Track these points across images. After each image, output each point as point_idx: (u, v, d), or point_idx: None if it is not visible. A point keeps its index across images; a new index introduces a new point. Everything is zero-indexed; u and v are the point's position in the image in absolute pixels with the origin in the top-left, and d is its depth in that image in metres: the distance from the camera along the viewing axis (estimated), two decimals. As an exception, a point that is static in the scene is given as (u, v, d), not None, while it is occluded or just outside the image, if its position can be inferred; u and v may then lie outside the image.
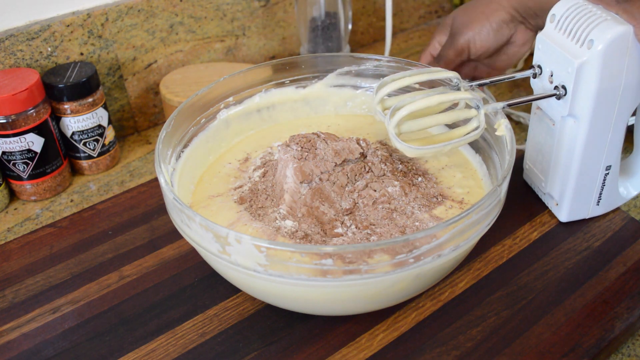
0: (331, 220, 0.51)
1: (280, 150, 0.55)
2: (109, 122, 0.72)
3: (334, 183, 0.52)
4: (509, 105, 0.53)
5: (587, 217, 0.60)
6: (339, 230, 0.50)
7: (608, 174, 0.57)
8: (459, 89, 0.55)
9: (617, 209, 0.62)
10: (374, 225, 0.50)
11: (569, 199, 0.58)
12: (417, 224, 0.51)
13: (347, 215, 0.51)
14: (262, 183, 0.56)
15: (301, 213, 0.51)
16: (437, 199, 0.54)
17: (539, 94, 0.55)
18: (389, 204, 0.52)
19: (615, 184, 0.59)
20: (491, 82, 0.56)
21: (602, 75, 0.51)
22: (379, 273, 0.44)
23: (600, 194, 0.59)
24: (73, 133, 0.69)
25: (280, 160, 0.54)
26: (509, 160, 0.49)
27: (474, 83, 0.56)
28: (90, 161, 0.72)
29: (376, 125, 0.65)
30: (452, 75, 0.54)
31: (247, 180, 0.57)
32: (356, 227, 0.50)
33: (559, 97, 0.54)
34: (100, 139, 0.71)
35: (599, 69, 0.50)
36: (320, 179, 0.52)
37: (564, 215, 0.60)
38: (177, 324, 0.52)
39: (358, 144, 0.55)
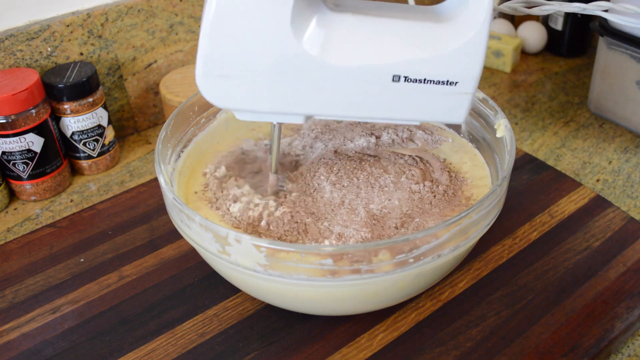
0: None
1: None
2: (109, 122, 0.72)
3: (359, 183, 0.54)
4: None
5: None
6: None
7: None
8: None
9: (617, 208, 0.62)
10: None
11: None
12: (417, 220, 0.51)
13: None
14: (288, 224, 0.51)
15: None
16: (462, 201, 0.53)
17: None
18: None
19: None
20: None
21: None
22: (378, 273, 0.44)
23: None
24: (73, 133, 0.69)
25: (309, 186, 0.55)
26: (508, 160, 0.49)
27: None
28: (90, 161, 0.72)
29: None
30: None
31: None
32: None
33: None
34: (100, 139, 0.71)
35: None
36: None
37: None
38: (177, 324, 0.52)
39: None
